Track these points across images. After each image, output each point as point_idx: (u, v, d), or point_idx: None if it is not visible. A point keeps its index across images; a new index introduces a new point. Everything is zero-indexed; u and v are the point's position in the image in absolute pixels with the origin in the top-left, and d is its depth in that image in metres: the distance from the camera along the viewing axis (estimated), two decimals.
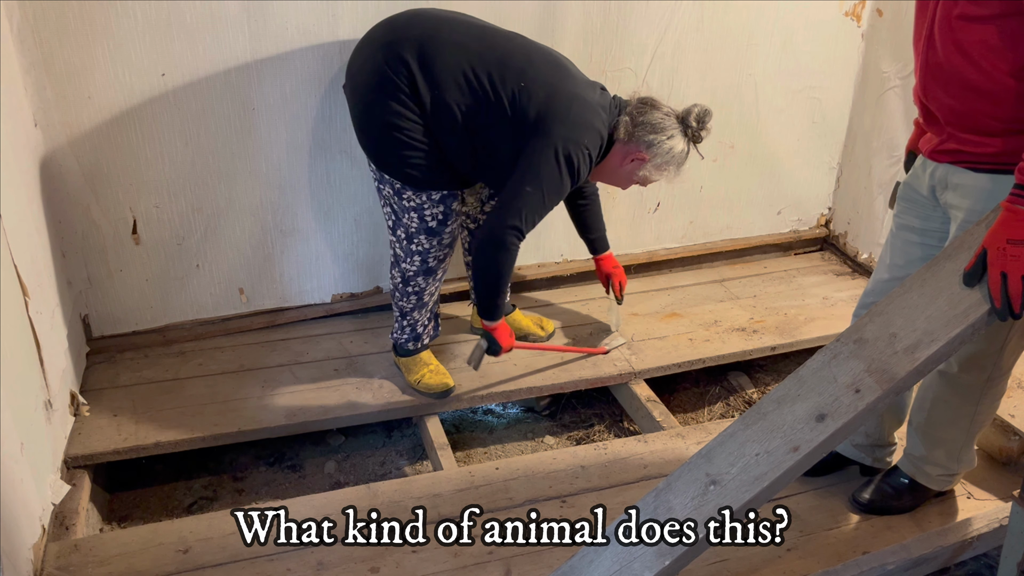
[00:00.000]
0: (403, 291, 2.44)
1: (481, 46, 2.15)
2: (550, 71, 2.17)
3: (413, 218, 2.27)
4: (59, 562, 1.94)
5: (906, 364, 1.52)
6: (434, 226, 2.28)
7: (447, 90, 2.11)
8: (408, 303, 2.46)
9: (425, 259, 2.35)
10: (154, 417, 2.39)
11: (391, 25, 2.20)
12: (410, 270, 2.38)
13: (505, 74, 2.12)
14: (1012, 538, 1.72)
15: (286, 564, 1.95)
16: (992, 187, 1.68)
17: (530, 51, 2.20)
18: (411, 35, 2.14)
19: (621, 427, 2.76)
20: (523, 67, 2.14)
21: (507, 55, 2.15)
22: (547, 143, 2.11)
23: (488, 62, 2.13)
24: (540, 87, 2.13)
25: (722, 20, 2.89)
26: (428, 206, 2.25)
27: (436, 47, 2.12)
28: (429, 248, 2.33)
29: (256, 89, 2.47)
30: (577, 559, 1.64)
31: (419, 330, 2.52)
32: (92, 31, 2.26)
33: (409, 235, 2.31)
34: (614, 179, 2.33)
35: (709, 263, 3.35)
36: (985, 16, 1.54)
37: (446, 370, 2.56)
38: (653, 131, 2.19)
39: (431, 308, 2.52)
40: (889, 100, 3.03)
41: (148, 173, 2.49)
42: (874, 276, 2.04)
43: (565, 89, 2.16)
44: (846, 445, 2.22)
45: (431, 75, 2.11)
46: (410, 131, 2.14)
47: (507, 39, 2.21)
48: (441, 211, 2.27)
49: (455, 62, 2.12)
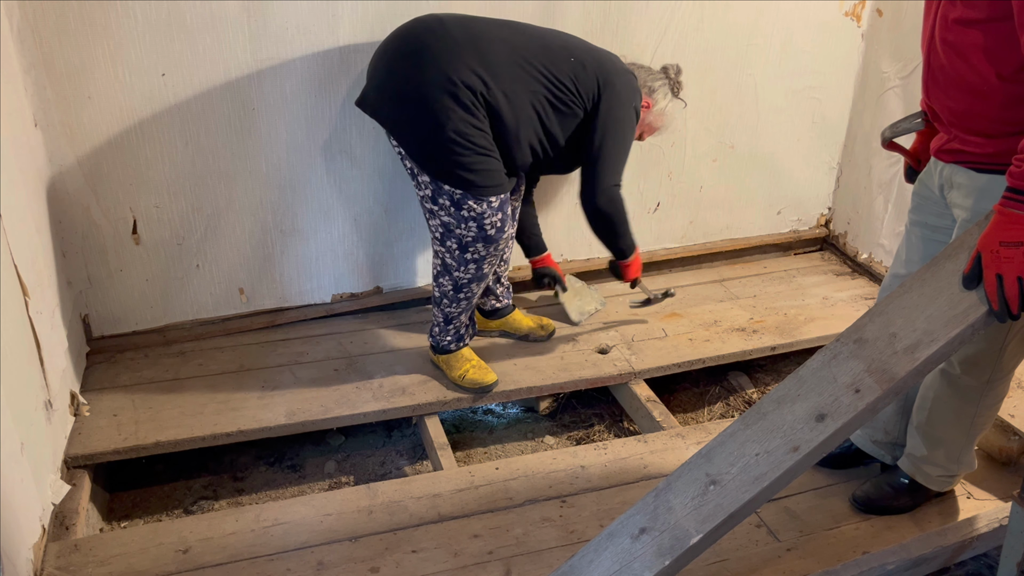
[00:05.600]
0: (453, 298, 2.44)
1: (521, 38, 2.25)
2: (575, 40, 2.38)
3: (471, 227, 2.26)
4: (59, 562, 1.94)
5: (906, 364, 1.52)
6: (492, 233, 2.29)
7: (516, 82, 2.18)
8: (456, 309, 2.47)
9: (480, 266, 2.36)
10: (154, 417, 2.39)
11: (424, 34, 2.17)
12: (463, 278, 2.38)
13: (554, 57, 2.26)
14: (1012, 538, 1.72)
15: (286, 564, 1.95)
16: (991, 187, 1.69)
17: (550, 30, 2.37)
18: (459, 40, 2.15)
19: (621, 427, 2.76)
20: (563, 45, 2.31)
21: (542, 40, 2.29)
22: (615, 95, 2.32)
23: (535, 51, 2.24)
24: (585, 54, 2.32)
25: (722, 20, 2.89)
26: (488, 213, 2.25)
27: (489, 45, 2.17)
28: (485, 255, 2.33)
29: (256, 89, 2.47)
30: (577, 559, 1.63)
31: (462, 331, 2.54)
32: (92, 31, 2.26)
33: (463, 245, 2.30)
34: None
35: (709, 263, 3.35)
36: (978, 19, 1.57)
37: (487, 365, 2.58)
38: (653, 80, 2.51)
39: (473, 309, 2.55)
40: (889, 100, 3.04)
41: (148, 173, 2.49)
42: (890, 271, 2.06)
43: (598, 49, 2.39)
44: (866, 441, 2.23)
45: (498, 74, 2.16)
46: (474, 137, 2.15)
47: (526, 25, 2.35)
48: (500, 218, 2.28)
49: (512, 56, 2.19)
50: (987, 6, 1.54)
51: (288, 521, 2.07)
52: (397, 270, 2.92)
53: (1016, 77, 1.57)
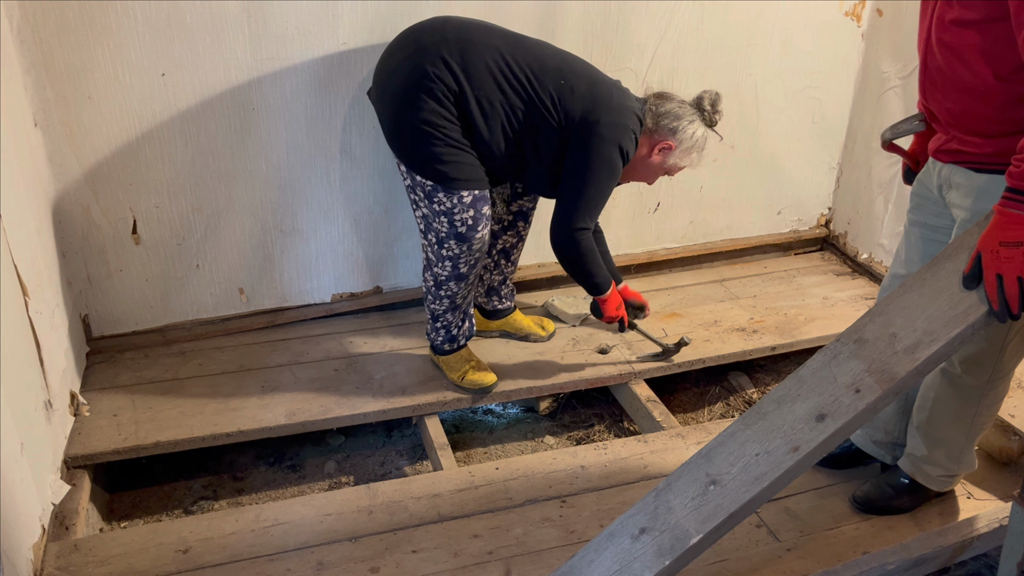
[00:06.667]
0: (435, 295, 2.44)
1: (516, 49, 2.21)
2: (583, 67, 2.29)
3: (443, 222, 2.26)
4: (59, 562, 1.94)
5: (906, 364, 1.52)
6: (463, 231, 2.27)
7: (492, 91, 2.16)
8: (440, 306, 2.46)
9: (456, 264, 2.35)
10: (154, 417, 2.39)
11: (424, 30, 2.21)
12: (442, 275, 2.38)
13: (544, 74, 2.20)
14: (1012, 538, 1.72)
15: (286, 564, 1.95)
16: (990, 187, 1.69)
17: (560, 52, 2.30)
18: (448, 38, 2.16)
19: (621, 427, 2.76)
20: (559, 66, 2.23)
21: (541, 55, 2.24)
22: (597, 132, 2.20)
23: (526, 63, 2.20)
24: (580, 80, 2.23)
25: (722, 20, 2.89)
26: (458, 210, 2.24)
27: (476, 50, 2.16)
28: (459, 254, 2.32)
29: (256, 89, 2.47)
30: (577, 559, 1.63)
31: (454, 331, 2.53)
32: (92, 31, 2.26)
33: (440, 239, 2.31)
34: (643, 172, 2.41)
35: (709, 263, 3.35)
36: (974, 20, 1.57)
37: (487, 365, 2.57)
38: (675, 119, 2.30)
39: (464, 310, 2.52)
40: (889, 100, 3.03)
41: (148, 173, 2.49)
42: (890, 271, 2.07)
43: (603, 79, 2.30)
44: (866, 441, 2.23)
45: (475, 77, 2.14)
46: (446, 129, 2.16)
47: (535, 42, 2.29)
48: (471, 216, 2.26)
49: (496, 65, 2.17)
50: (984, 7, 1.55)
51: (288, 521, 2.07)
52: (397, 270, 2.92)
53: (1014, 77, 1.57)
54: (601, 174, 2.23)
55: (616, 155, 2.23)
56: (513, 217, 2.59)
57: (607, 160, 2.22)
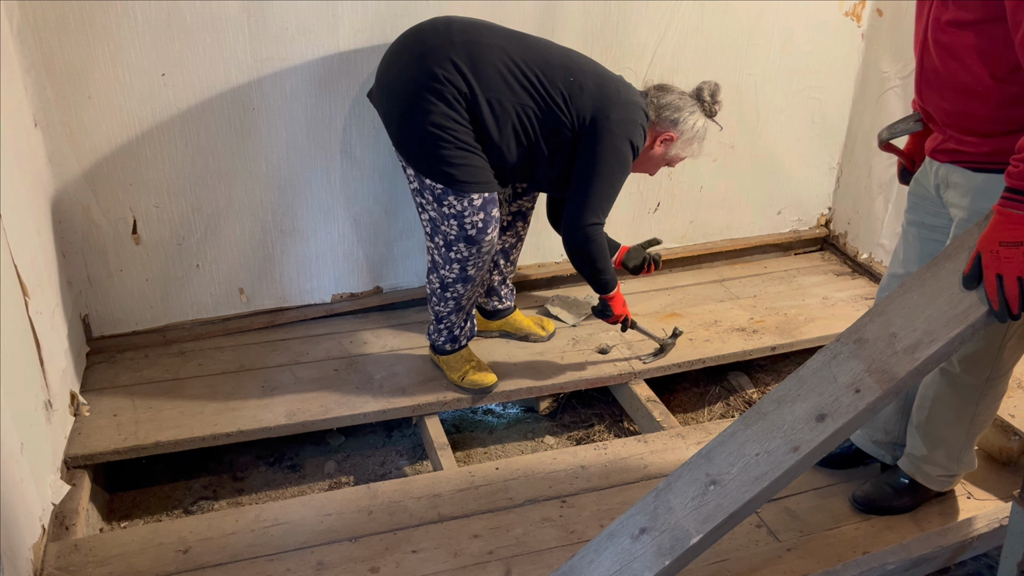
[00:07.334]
0: (440, 296, 2.43)
1: (522, 48, 2.21)
2: (588, 63, 2.30)
3: (452, 225, 2.25)
4: (59, 562, 1.94)
5: (906, 364, 1.52)
6: (473, 234, 2.26)
7: (502, 92, 2.16)
8: (445, 308, 2.46)
9: (464, 267, 2.34)
10: (154, 417, 2.39)
11: (428, 31, 2.20)
12: (448, 277, 2.37)
13: (552, 72, 2.21)
14: (1012, 538, 1.72)
15: (286, 564, 1.95)
16: (988, 187, 1.69)
17: (563, 49, 2.31)
18: (455, 39, 2.16)
19: (621, 427, 2.76)
20: (566, 63, 2.24)
21: (547, 54, 2.24)
22: (609, 129, 2.22)
23: (534, 63, 2.20)
24: (588, 77, 2.24)
25: (722, 20, 2.89)
26: (469, 213, 2.23)
27: (483, 51, 2.15)
28: (468, 256, 2.32)
29: (256, 89, 2.47)
30: (577, 559, 1.63)
31: (456, 332, 2.53)
32: (92, 31, 2.26)
33: (448, 242, 2.30)
34: (646, 164, 2.43)
35: (709, 263, 3.35)
36: (971, 21, 1.57)
37: (487, 365, 2.58)
38: (676, 110, 2.33)
39: (468, 311, 2.52)
40: (889, 100, 3.03)
41: (148, 173, 2.49)
42: (888, 271, 2.07)
43: (609, 75, 2.30)
44: (866, 441, 2.23)
45: (484, 78, 2.14)
46: (456, 132, 2.15)
47: (539, 40, 2.29)
48: (481, 218, 2.25)
49: (504, 65, 2.16)
50: (980, 7, 1.55)
51: (288, 521, 2.07)
52: (397, 270, 2.92)
53: (1010, 77, 1.57)
54: (613, 169, 2.26)
55: (627, 150, 2.26)
56: (512, 217, 2.59)
57: (619, 155, 2.25)
